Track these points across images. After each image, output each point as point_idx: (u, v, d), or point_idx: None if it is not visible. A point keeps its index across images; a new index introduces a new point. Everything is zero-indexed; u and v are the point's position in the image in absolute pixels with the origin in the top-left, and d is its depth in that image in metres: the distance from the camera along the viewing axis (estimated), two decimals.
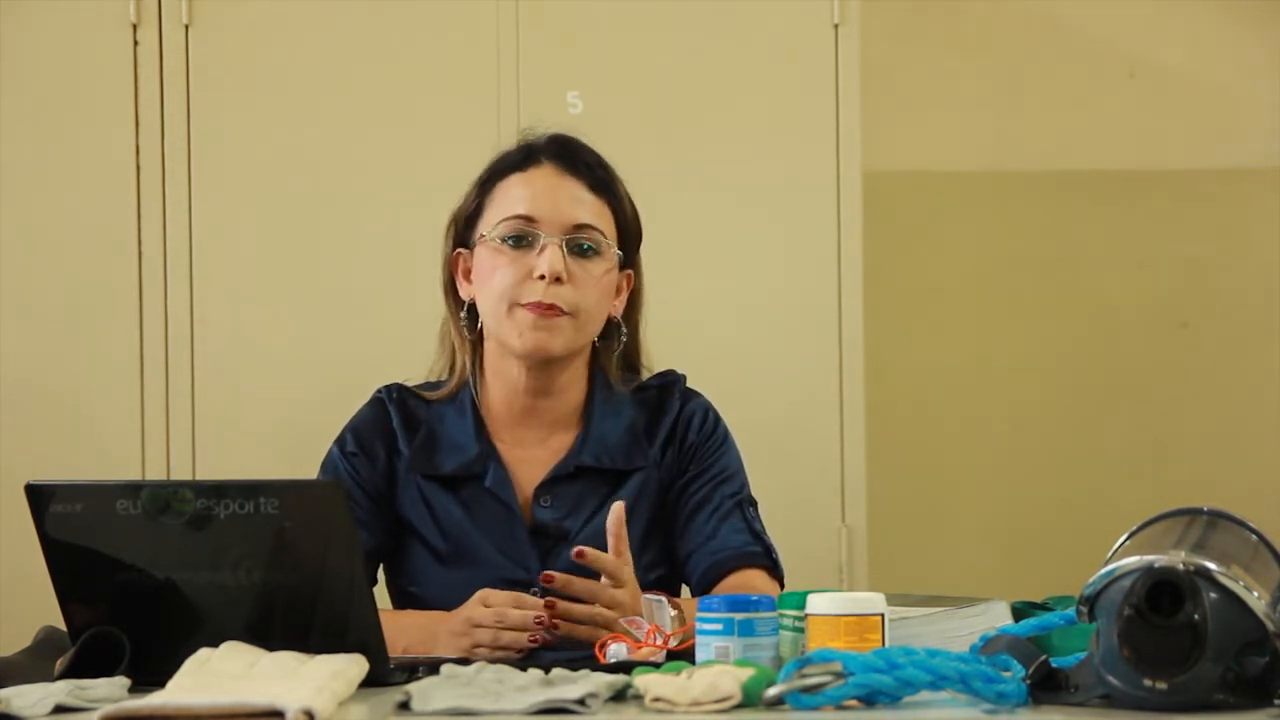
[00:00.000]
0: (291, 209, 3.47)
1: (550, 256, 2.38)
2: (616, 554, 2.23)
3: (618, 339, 2.50)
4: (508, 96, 3.46)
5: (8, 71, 3.46)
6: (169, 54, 3.46)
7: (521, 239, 2.41)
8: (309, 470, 2.57)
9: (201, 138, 3.46)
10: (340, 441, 2.50)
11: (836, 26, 3.50)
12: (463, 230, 2.49)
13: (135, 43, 3.46)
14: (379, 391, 2.53)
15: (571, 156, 2.46)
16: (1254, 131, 4.10)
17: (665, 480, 2.49)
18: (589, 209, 2.43)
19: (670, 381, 2.54)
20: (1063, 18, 4.09)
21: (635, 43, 3.51)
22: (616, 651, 2.09)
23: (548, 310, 2.38)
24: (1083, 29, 4.09)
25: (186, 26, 3.46)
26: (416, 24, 3.49)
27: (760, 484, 2.59)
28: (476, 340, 2.49)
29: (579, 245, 2.41)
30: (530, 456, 2.47)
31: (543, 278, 2.37)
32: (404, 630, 2.24)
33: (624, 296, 2.50)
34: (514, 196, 2.43)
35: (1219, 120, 4.10)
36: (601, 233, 2.43)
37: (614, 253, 2.45)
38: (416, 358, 2.59)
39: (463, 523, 2.43)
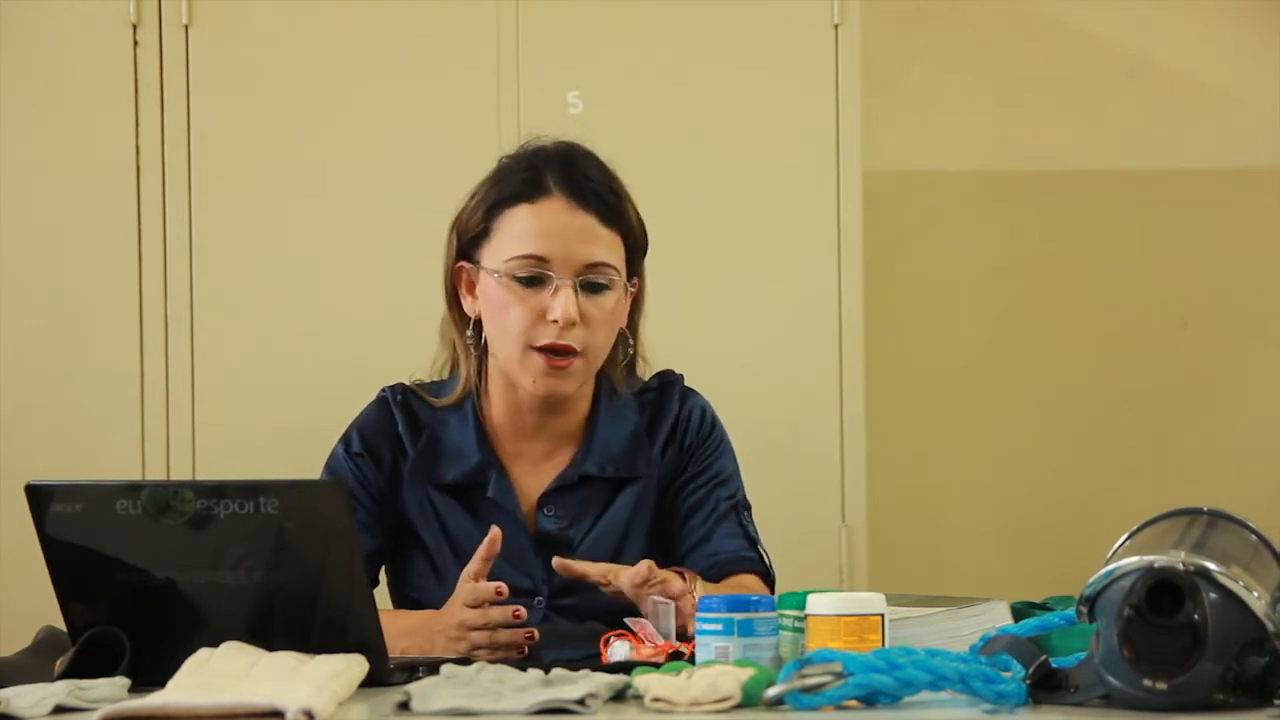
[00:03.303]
0: (291, 209, 3.47)
1: (564, 301, 2.35)
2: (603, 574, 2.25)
3: (624, 350, 2.49)
4: (508, 96, 3.46)
5: (8, 71, 3.46)
6: (169, 54, 3.46)
7: (533, 280, 2.38)
8: (309, 470, 2.57)
9: (201, 138, 3.46)
10: (345, 441, 2.49)
11: (836, 26, 3.50)
12: (466, 245, 2.45)
13: (135, 43, 3.46)
14: (384, 391, 2.52)
15: (581, 184, 2.40)
16: (1254, 131, 4.10)
17: (664, 479, 2.50)
18: (602, 246, 2.39)
19: (669, 381, 2.54)
20: (1063, 18, 4.09)
21: (635, 43, 3.51)
22: (618, 649, 2.10)
23: (561, 353, 2.36)
24: (1083, 29, 4.09)
25: (186, 26, 3.45)
26: (416, 24, 3.49)
27: (760, 484, 2.59)
28: (481, 353, 2.48)
29: (592, 284, 2.38)
30: (534, 466, 2.47)
31: (555, 321, 2.35)
32: (400, 634, 2.24)
33: (628, 302, 2.47)
34: (523, 230, 2.38)
35: (1219, 120, 4.10)
36: (614, 267, 2.40)
37: (623, 282, 2.43)
38: (416, 358, 2.59)
39: (466, 530, 2.43)
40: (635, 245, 2.45)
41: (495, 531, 2.23)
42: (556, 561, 2.26)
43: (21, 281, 3.45)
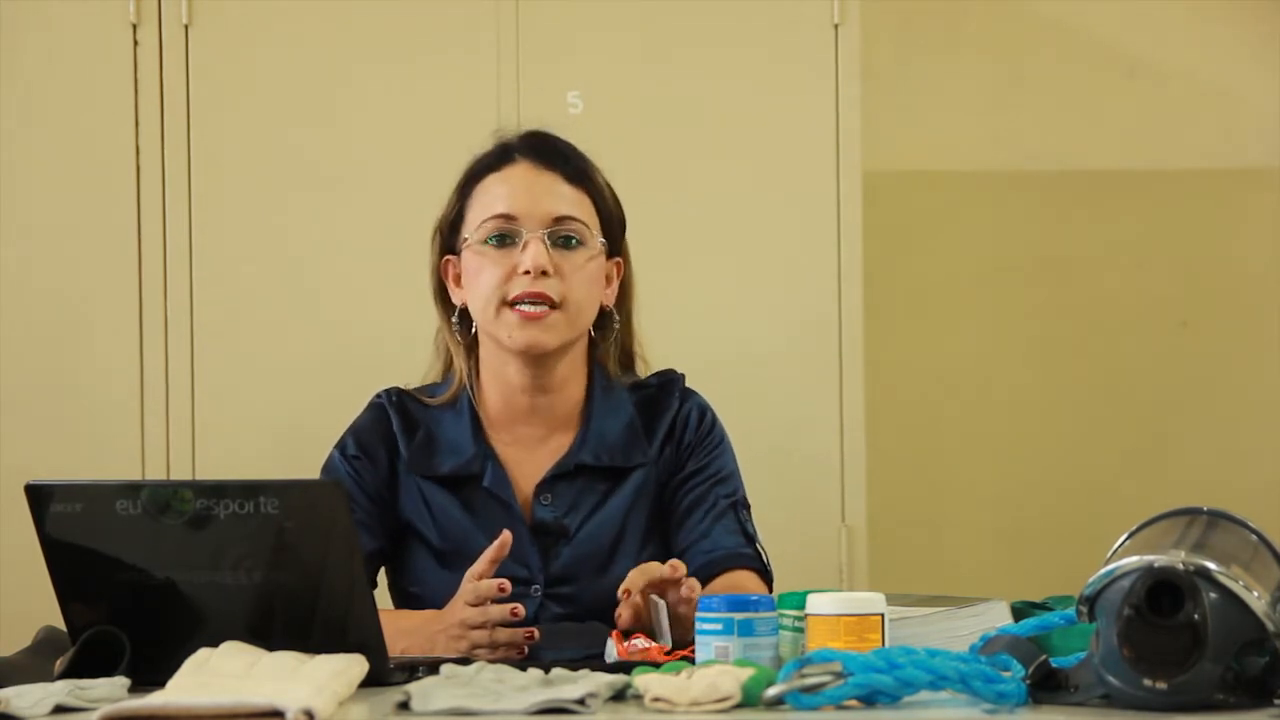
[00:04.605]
0: (291, 209, 3.47)
1: (533, 251, 2.39)
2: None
3: (612, 329, 2.51)
4: (508, 96, 3.46)
5: (8, 71, 3.46)
6: (169, 54, 3.46)
7: (504, 238, 2.42)
8: (309, 471, 2.57)
9: (201, 138, 3.46)
10: (341, 445, 2.50)
11: (836, 26, 3.50)
12: (448, 237, 2.50)
13: (135, 43, 3.46)
14: (378, 396, 2.53)
15: (546, 150, 2.47)
16: (1254, 131, 4.10)
17: (662, 477, 2.50)
18: (568, 200, 2.44)
19: (669, 380, 2.55)
20: (1063, 18, 4.09)
21: (635, 43, 3.51)
22: (609, 651, 2.10)
23: (536, 301, 2.38)
24: (1083, 29, 4.09)
25: (186, 26, 3.46)
26: (416, 25, 3.49)
27: (760, 484, 2.59)
28: (471, 344, 2.49)
29: (562, 237, 2.42)
30: (529, 455, 2.47)
31: (528, 273, 2.38)
32: (401, 634, 2.24)
33: (614, 285, 2.50)
34: (493, 195, 2.44)
35: (1219, 120, 4.10)
36: (583, 222, 2.44)
37: (598, 241, 2.45)
38: (416, 358, 2.59)
39: (463, 522, 2.44)
40: (609, 215, 2.49)
41: (506, 535, 2.24)
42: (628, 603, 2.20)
43: (21, 281, 3.45)
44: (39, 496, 1.94)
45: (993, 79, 4.10)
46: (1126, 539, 1.77)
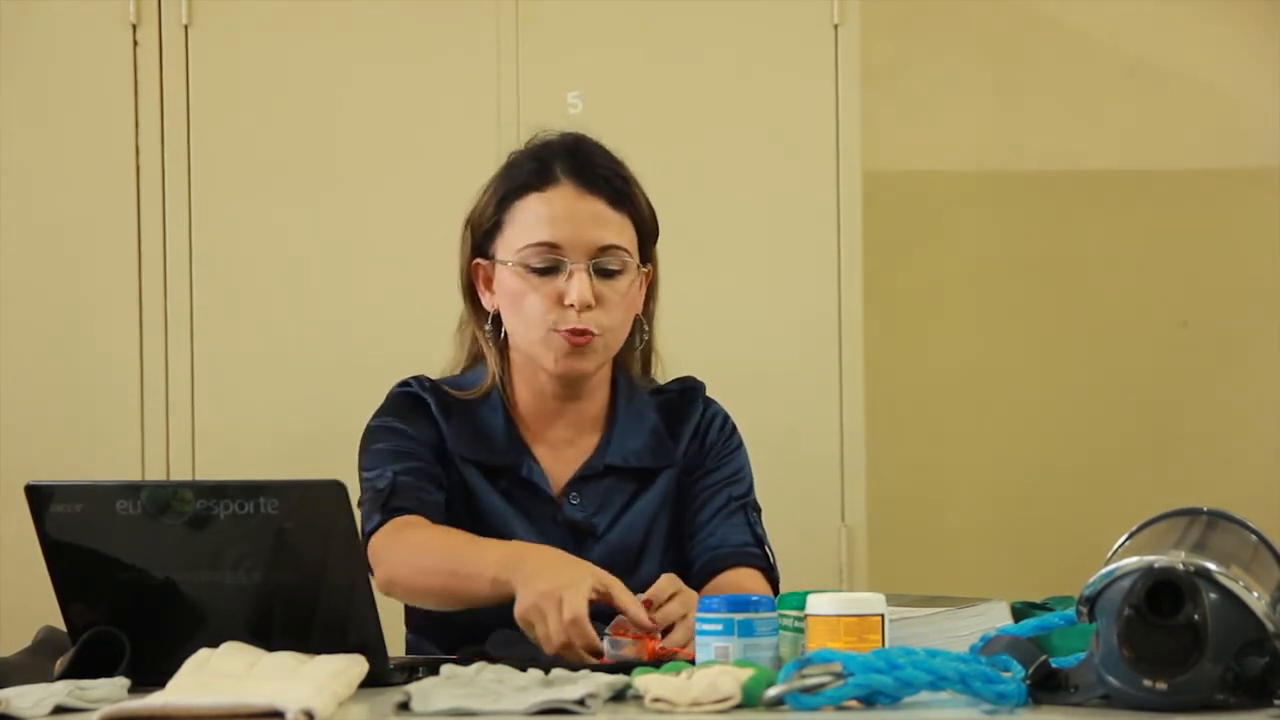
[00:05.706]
0: (291, 209, 3.47)
1: (579, 285, 2.37)
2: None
3: (640, 336, 2.51)
4: (508, 96, 3.46)
5: (8, 71, 3.46)
6: (169, 54, 3.46)
7: (548, 267, 2.39)
8: (309, 471, 2.56)
9: (201, 138, 3.46)
10: (379, 414, 2.46)
11: (836, 26, 3.50)
12: (480, 240, 2.47)
13: (135, 43, 3.46)
14: (405, 383, 2.49)
15: (588, 171, 2.42)
16: (1254, 131, 4.10)
17: (683, 478, 2.51)
18: (612, 228, 2.41)
19: (691, 388, 2.56)
20: (1063, 18, 4.09)
21: (635, 43, 3.51)
22: (606, 649, 2.10)
23: (580, 336, 2.38)
24: (1083, 29, 4.09)
25: (186, 26, 3.46)
26: (416, 24, 3.49)
27: (761, 484, 2.59)
28: (503, 346, 2.48)
29: (605, 269, 2.40)
30: (559, 455, 2.48)
31: (572, 305, 2.37)
32: (493, 562, 2.21)
33: (644, 291, 2.50)
34: (536, 218, 2.40)
35: (1219, 120, 4.10)
36: (625, 249, 2.42)
37: (636, 265, 2.44)
38: (416, 357, 2.58)
39: (501, 508, 2.43)
40: (646, 229, 2.47)
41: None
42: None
43: (21, 281, 3.45)
44: (39, 496, 1.94)
45: (993, 79, 4.10)
46: (1126, 539, 1.77)
